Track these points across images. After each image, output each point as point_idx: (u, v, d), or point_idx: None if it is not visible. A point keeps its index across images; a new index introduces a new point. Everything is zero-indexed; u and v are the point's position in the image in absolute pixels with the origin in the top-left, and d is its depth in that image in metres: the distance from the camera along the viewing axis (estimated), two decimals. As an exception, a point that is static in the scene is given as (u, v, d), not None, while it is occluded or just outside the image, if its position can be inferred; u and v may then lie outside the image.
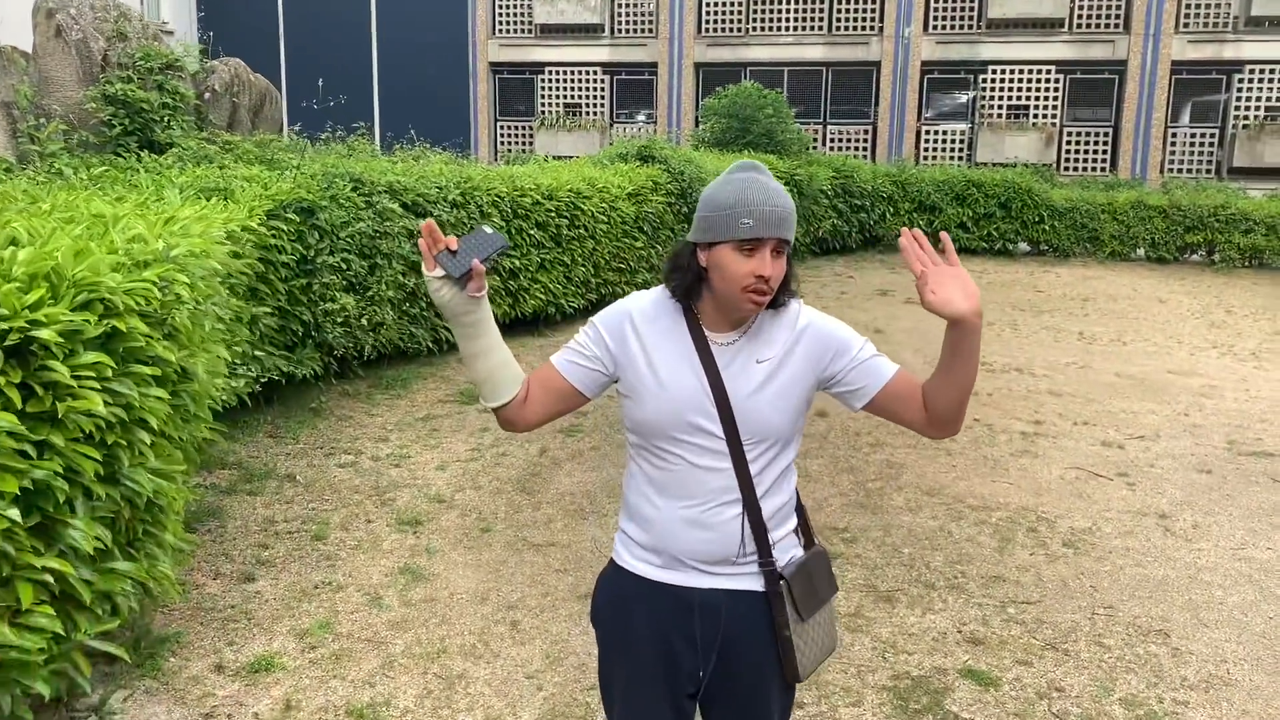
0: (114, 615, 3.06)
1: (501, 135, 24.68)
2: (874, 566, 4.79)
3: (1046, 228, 15.74)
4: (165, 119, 6.68)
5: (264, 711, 3.40)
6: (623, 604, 2.14)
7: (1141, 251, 15.88)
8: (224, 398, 4.40)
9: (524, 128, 24.43)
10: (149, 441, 3.07)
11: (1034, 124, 21.51)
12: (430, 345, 7.69)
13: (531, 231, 8.49)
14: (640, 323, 2.07)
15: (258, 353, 5.35)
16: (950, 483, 5.95)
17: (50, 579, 2.68)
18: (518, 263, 8.36)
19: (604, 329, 2.09)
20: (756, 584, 2.06)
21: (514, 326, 8.81)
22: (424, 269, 1.96)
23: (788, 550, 2.10)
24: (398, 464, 5.83)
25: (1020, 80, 21.66)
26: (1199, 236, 15.34)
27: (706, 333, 2.03)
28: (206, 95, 7.32)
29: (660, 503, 2.06)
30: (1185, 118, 21.38)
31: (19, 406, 2.56)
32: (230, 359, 4.21)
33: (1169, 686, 3.81)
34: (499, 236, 1.95)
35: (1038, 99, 21.60)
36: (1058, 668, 3.92)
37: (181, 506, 3.53)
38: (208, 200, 5.30)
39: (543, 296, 8.66)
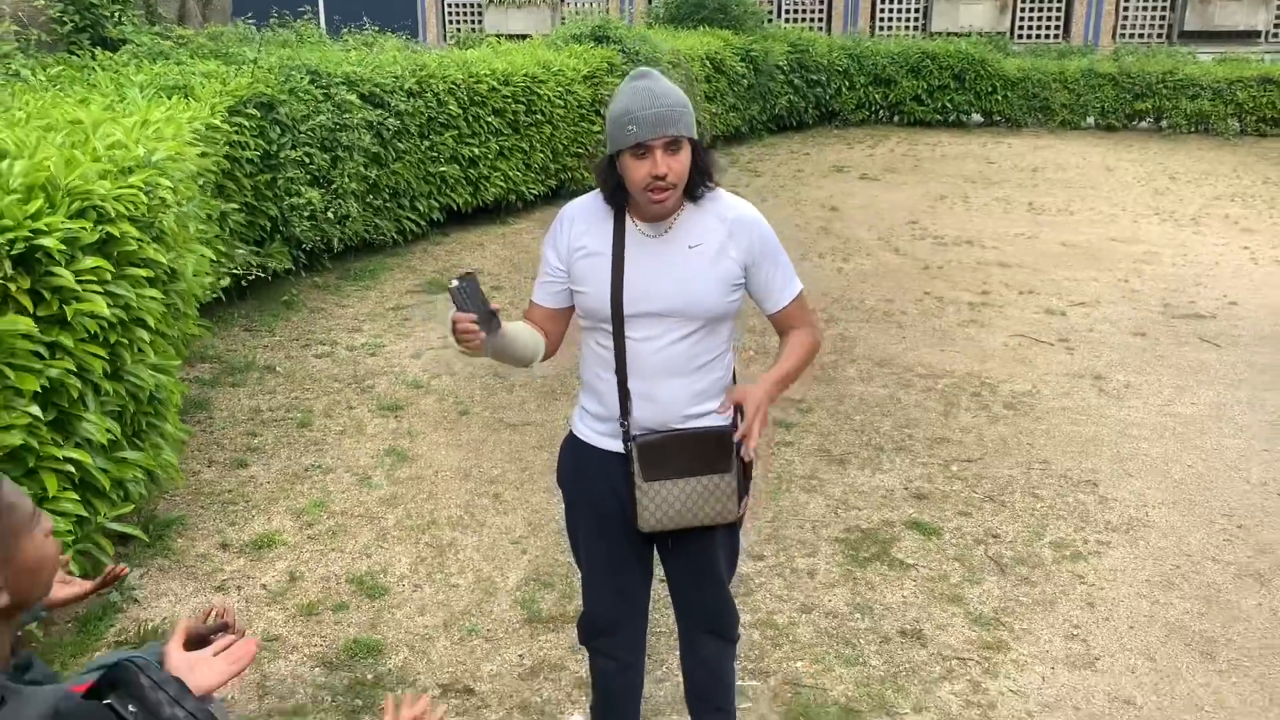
0: (126, 500, 3.31)
1: (450, 14, 24.06)
2: (828, 433, 5.13)
3: (999, 98, 15.86)
4: (115, 14, 6.61)
5: (270, 583, 3.69)
6: (582, 469, 2.45)
7: (1092, 120, 16.07)
8: (206, 295, 4.57)
9: (473, 6, 23.81)
10: (148, 339, 3.27)
11: (988, -9, 21.33)
12: (395, 236, 7.81)
13: (489, 119, 8.52)
14: (578, 225, 2.33)
15: (235, 250, 5.48)
16: (900, 353, 6.28)
17: (71, 469, 2.92)
18: (476, 151, 8.42)
19: (553, 246, 2.37)
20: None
21: (476, 216, 8.93)
22: (460, 348, 2.13)
23: (719, 419, 2.37)
24: (373, 353, 6.04)
25: (975, -54, 21.37)
26: (1148, 104, 15.54)
27: (640, 227, 2.26)
28: (154, -13, 7.22)
29: (607, 378, 2.33)
30: (1138, -19, 21.29)
31: (31, 311, 2.74)
32: (214, 257, 4.37)
33: (1094, 529, 4.22)
34: (470, 281, 2.09)
35: (993, -35, 21.35)
36: (994, 517, 4.31)
37: (179, 399, 3.75)
38: (169, 98, 5.34)
39: (503, 184, 8.74)
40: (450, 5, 24.09)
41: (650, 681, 3.02)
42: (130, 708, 1.39)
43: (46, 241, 2.78)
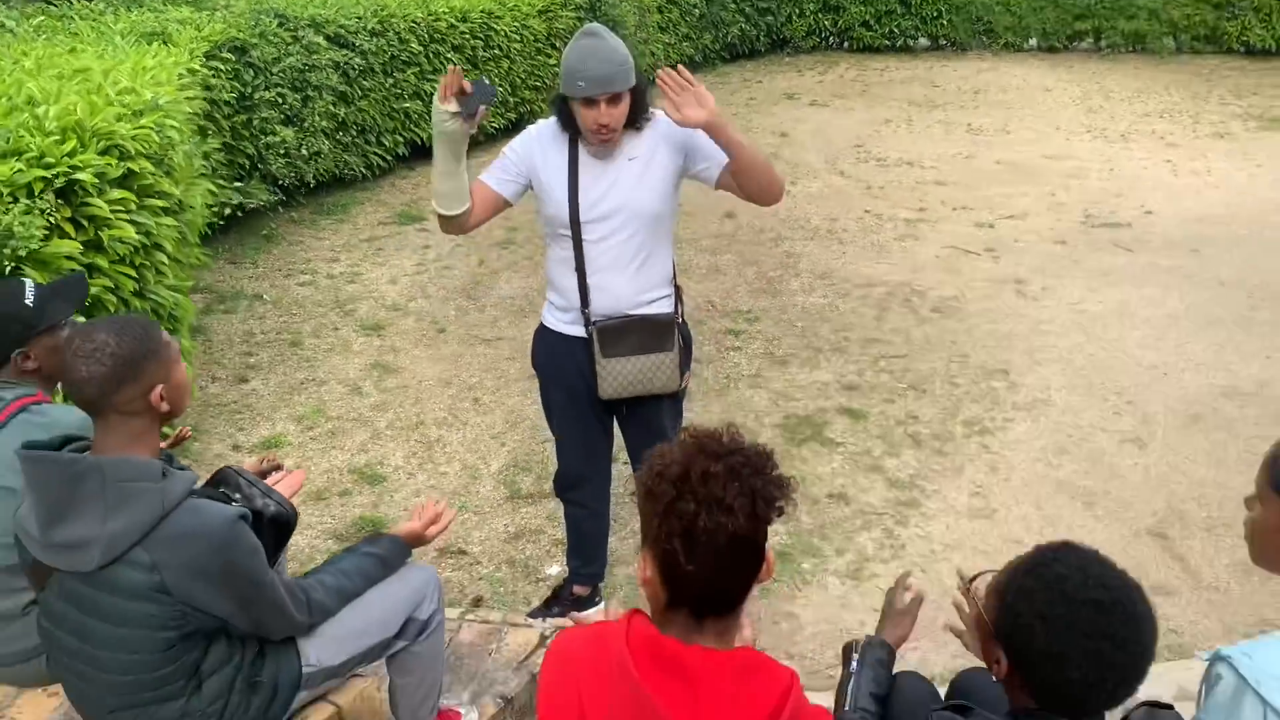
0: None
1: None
2: (772, 338, 5.68)
3: (944, 22, 16.26)
4: (87, -36, 6.87)
5: (281, 477, 4.21)
6: (552, 352, 2.98)
7: (1034, 42, 16.53)
8: (203, 226, 5.00)
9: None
10: (166, 263, 3.73)
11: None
12: (364, 171, 8.20)
13: (449, 55, 8.86)
14: (542, 144, 2.82)
15: (226, 186, 5.89)
16: (840, 267, 6.83)
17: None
18: (437, 86, 8.76)
19: (520, 150, 2.85)
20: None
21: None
22: (438, 101, 2.60)
23: (663, 307, 2.89)
24: (352, 280, 6.50)
25: None
26: (1087, 24, 16.00)
27: (588, 148, 2.75)
28: (120, -65, 7.45)
29: (569, 275, 2.84)
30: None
31: (73, 236, 3.20)
32: (214, 190, 4.80)
33: (1001, 410, 4.82)
34: (494, 89, 2.62)
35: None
36: (916, 402, 4.91)
37: (191, 317, 4.22)
38: (149, 45, 5.70)
39: (465, 118, 9.10)
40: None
41: (615, 539, 3.58)
42: (235, 496, 1.93)
43: (82, 176, 3.22)
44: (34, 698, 2.26)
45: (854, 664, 1.88)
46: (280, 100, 6.87)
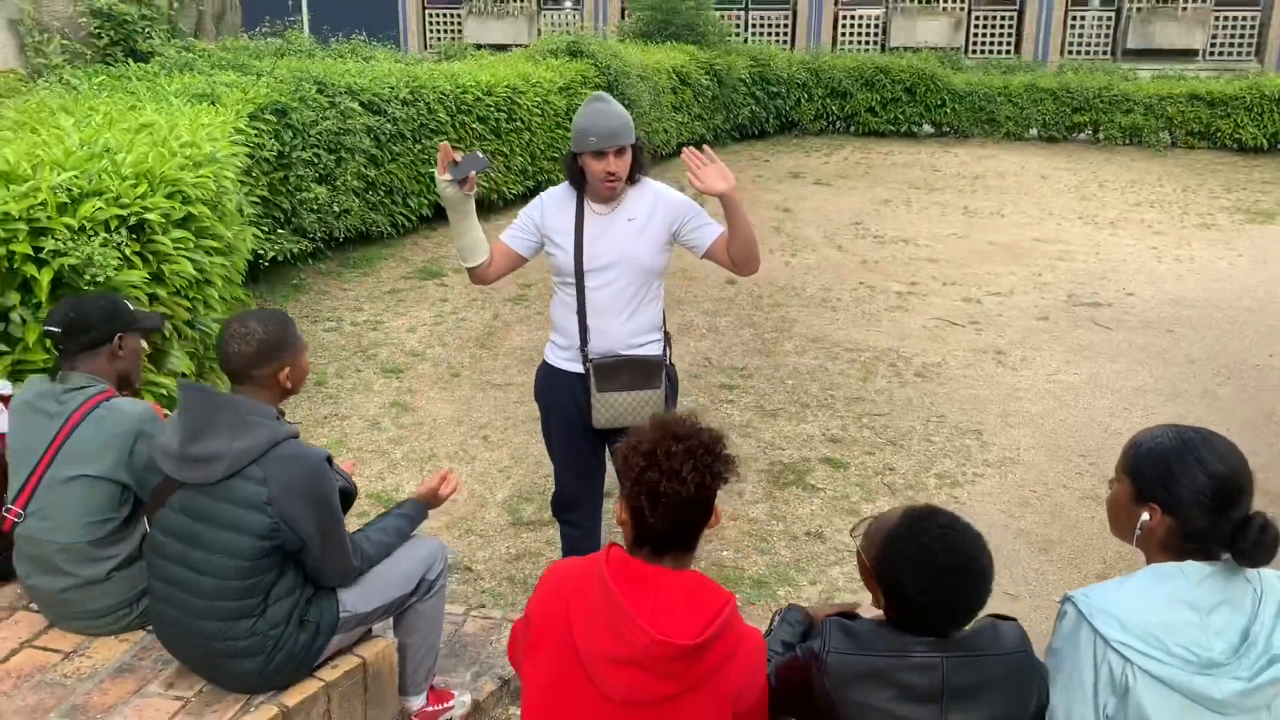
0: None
1: (431, 23, 24.94)
2: (763, 394, 6.08)
3: (948, 110, 16.93)
4: (145, 29, 7.46)
5: (304, 498, 4.59)
6: (553, 386, 3.38)
7: (1035, 131, 17.18)
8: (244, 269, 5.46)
9: (453, 15, 24.70)
10: (215, 297, 4.17)
11: (944, 9, 22.49)
12: (389, 229, 8.70)
13: (474, 125, 9.43)
14: (550, 205, 3.28)
15: (266, 237, 6.37)
16: (832, 332, 7.25)
17: (163, 391, 3.80)
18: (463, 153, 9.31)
19: (532, 212, 3.32)
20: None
21: (460, 211, 9.80)
22: (437, 174, 3.09)
23: (653, 350, 3.29)
24: (374, 328, 6.94)
25: (932, -35, 22.50)
26: (1086, 117, 16.65)
27: (593, 207, 3.20)
28: (175, 5, 8.07)
29: (571, 317, 3.25)
30: (1085, 0, 22.51)
31: (140, 268, 3.64)
32: (258, 238, 5.26)
33: (972, 465, 5.19)
34: (485, 160, 3.10)
35: (948, -16, 22.49)
36: (894, 456, 5.28)
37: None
38: (198, 105, 6.22)
39: (485, 185, 9.64)
40: (432, 15, 24.97)
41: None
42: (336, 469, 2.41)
43: (151, 216, 3.67)
44: (106, 641, 2.62)
45: (775, 621, 2.33)
46: (315, 160, 7.38)
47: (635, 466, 1.86)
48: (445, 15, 24.86)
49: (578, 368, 3.29)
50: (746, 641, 1.91)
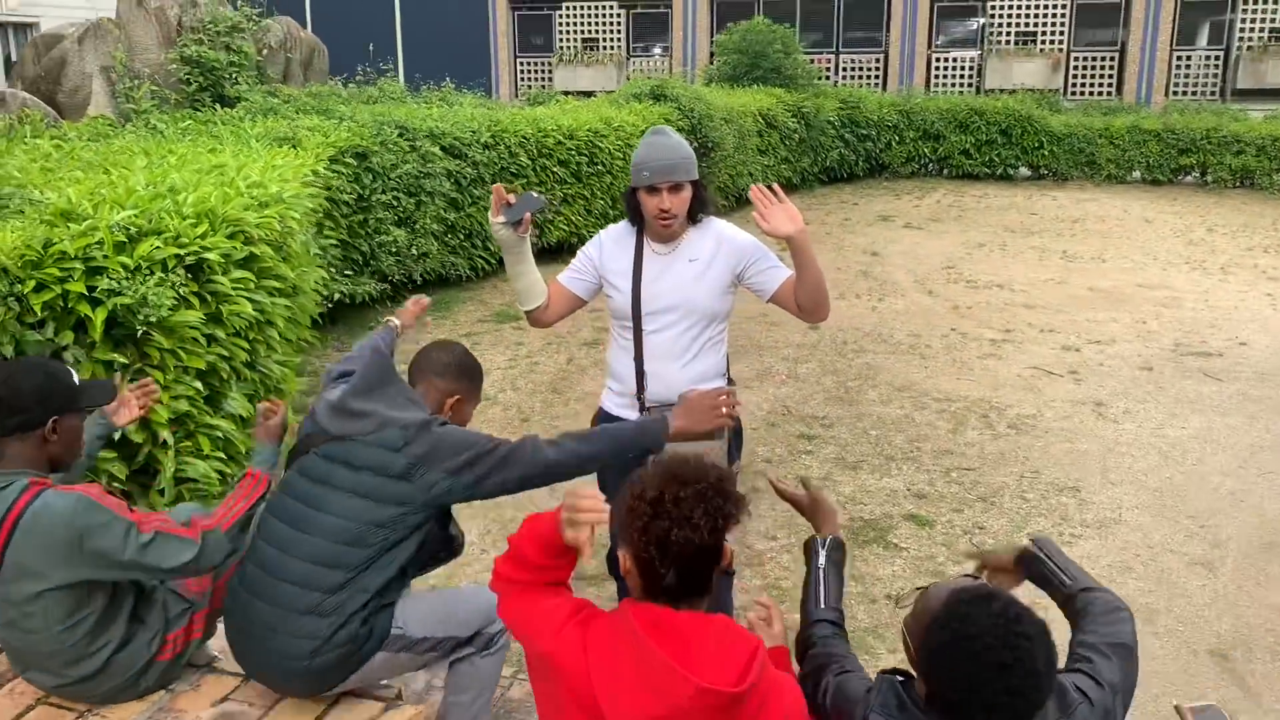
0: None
1: (521, 71, 25.36)
2: (845, 444, 5.80)
3: (1046, 153, 16.44)
4: (233, 75, 7.63)
5: (364, 545, 4.47)
6: None
7: (1138, 174, 16.55)
8: (316, 311, 5.43)
9: (543, 63, 25.08)
10: (277, 339, 4.10)
11: (1041, 49, 21.97)
12: (468, 272, 8.68)
13: (555, 169, 9.41)
14: (609, 244, 3.11)
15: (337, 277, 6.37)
16: (920, 380, 6.93)
17: (220, 434, 3.73)
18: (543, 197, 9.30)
19: (590, 252, 3.16)
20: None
21: (541, 256, 9.74)
22: (490, 216, 2.96)
23: None
24: (447, 371, 6.86)
25: (1028, 6, 22.07)
26: (1193, 159, 15.99)
27: (653, 246, 3.01)
28: (264, 52, 8.24)
29: (627, 362, 3.07)
30: (1191, 40, 21.76)
31: (198, 308, 3.58)
32: (327, 278, 5.23)
33: (1070, 526, 4.82)
34: (541, 199, 2.96)
35: (1045, 25, 22.01)
36: (984, 514, 4.94)
37: (295, 390, 4.57)
38: (280, 148, 6.27)
39: (565, 228, 9.61)
40: (522, 63, 25.40)
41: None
42: None
43: (210, 256, 3.62)
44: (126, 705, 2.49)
45: (821, 560, 2.22)
46: (395, 203, 7.40)
47: (642, 515, 1.75)
48: (536, 63, 25.25)
49: (634, 414, 3.10)
50: (784, 689, 1.81)
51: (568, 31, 24.83)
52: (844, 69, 23.48)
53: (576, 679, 1.75)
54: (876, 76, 23.22)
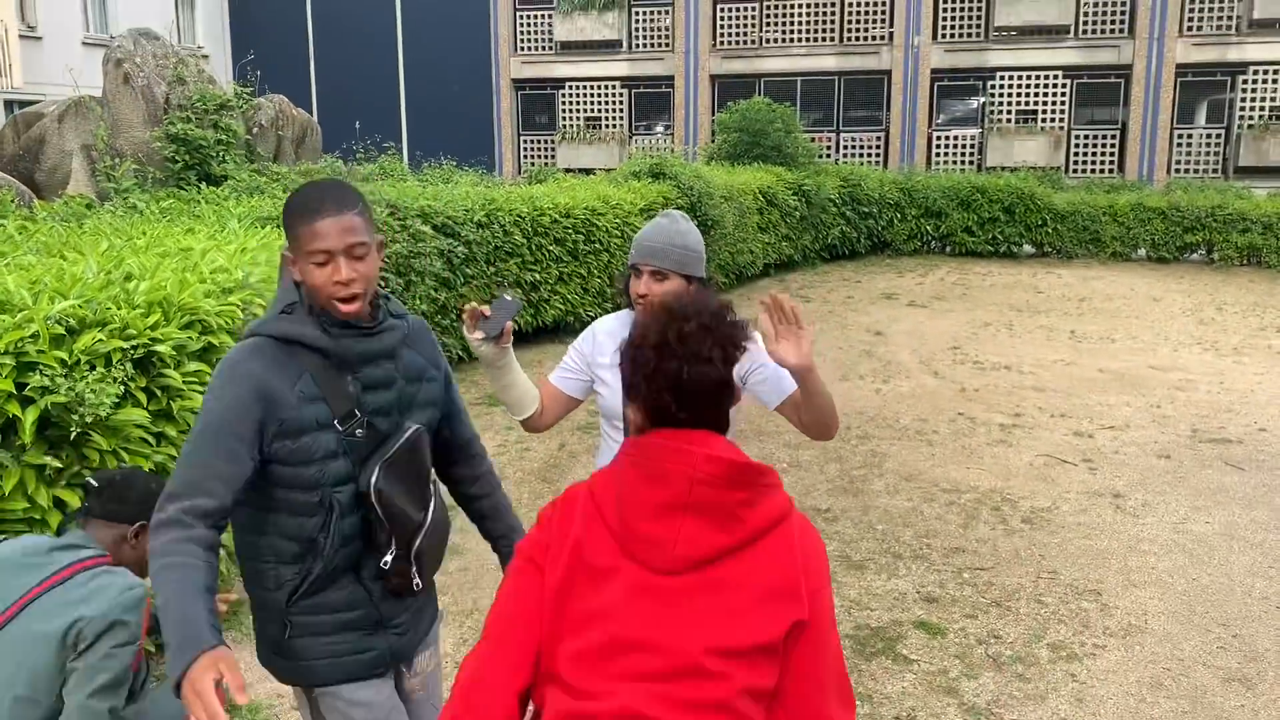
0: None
1: (525, 149, 25.49)
2: (850, 540, 5.46)
3: (1050, 230, 16.31)
4: (220, 154, 7.47)
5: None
6: None
7: (1143, 251, 16.40)
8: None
9: (546, 141, 25.22)
10: (236, 434, 3.81)
11: (1042, 128, 22.04)
12: (460, 353, 8.42)
13: (550, 247, 9.21)
14: (601, 337, 2.84)
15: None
16: (928, 469, 6.61)
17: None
18: (538, 276, 9.09)
19: (580, 348, 2.88)
20: None
21: (536, 335, 9.55)
22: (467, 333, 2.62)
23: None
24: (432, 459, 6.56)
25: (1028, 85, 22.21)
26: (1198, 236, 15.85)
27: None
28: (255, 130, 8.12)
29: (608, 455, 2.77)
30: (1191, 118, 21.83)
31: (145, 405, 3.30)
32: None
33: (1092, 634, 4.47)
34: (516, 302, 2.64)
35: (1046, 103, 22.13)
36: (999, 620, 4.59)
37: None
38: (263, 228, 6.06)
39: (562, 307, 9.38)
40: (526, 141, 25.54)
41: None
42: None
43: (161, 349, 3.35)
44: None
45: None
46: (383, 284, 7.17)
47: (648, 362, 1.64)
48: (539, 141, 25.39)
49: None
50: (797, 516, 1.67)
51: (571, 110, 25.03)
52: (845, 147, 23.59)
53: (564, 538, 1.60)
54: (877, 154, 23.30)
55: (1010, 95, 22.30)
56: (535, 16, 25.05)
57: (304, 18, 26.50)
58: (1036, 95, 22.17)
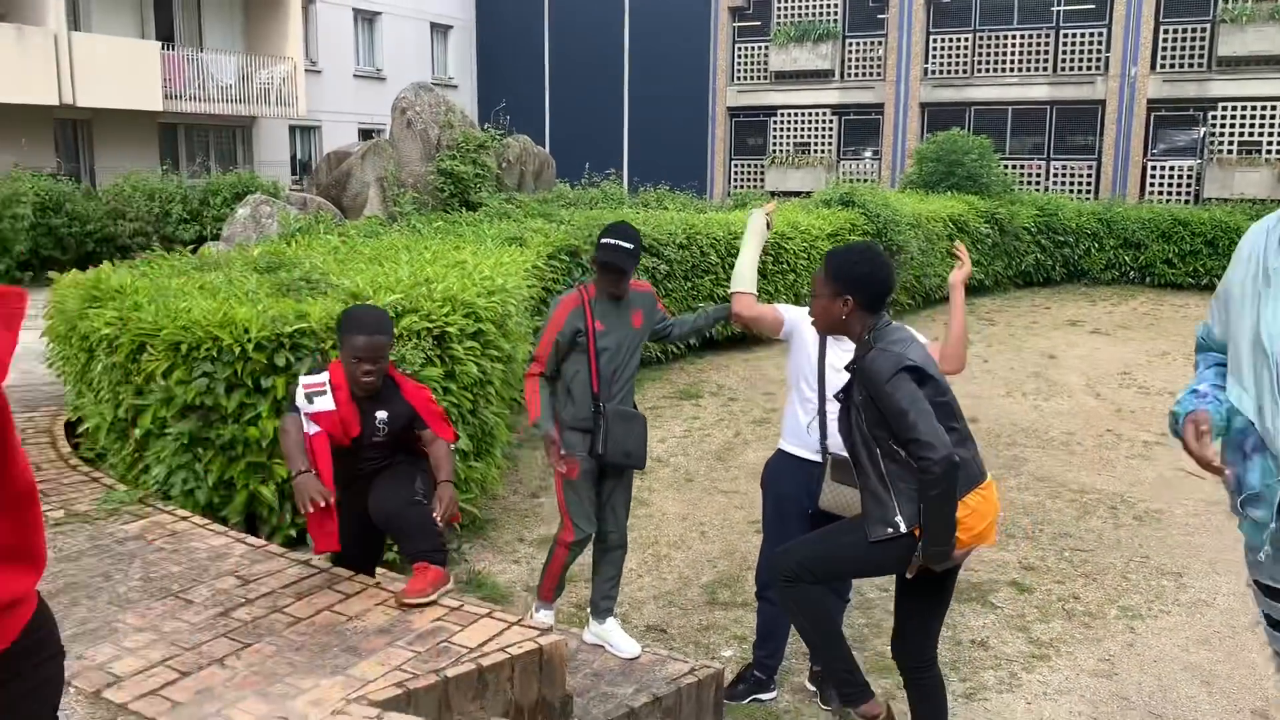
0: (469, 491, 5.35)
1: (735, 173, 26.94)
2: (971, 521, 6.48)
3: (1256, 264, 16.18)
4: (478, 185, 9.23)
5: (547, 565, 5.59)
6: (784, 471, 4.07)
7: (1359, 289, 15.99)
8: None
9: (756, 165, 26.58)
10: (492, 396, 5.35)
11: (1266, 159, 21.46)
12: (659, 355, 9.88)
13: (744, 267, 10.55)
14: (801, 322, 4.00)
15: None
16: (1061, 473, 7.48)
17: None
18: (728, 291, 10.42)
19: (795, 310, 4.09)
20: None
21: (727, 344, 10.89)
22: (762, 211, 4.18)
23: None
24: (632, 437, 8.00)
25: (1253, 116, 21.68)
26: None
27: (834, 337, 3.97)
28: (504, 165, 9.87)
29: (802, 414, 4.01)
30: None
31: (439, 366, 4.86)
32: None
33: (1161, 604, 5.35)
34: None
35: (1271, 134, 21.53)
36: (1083, 587, 5.54)
37: (505, 439, 5.81)
38: (509, 246, 7.69)
39: (752, 319, 10.69)
40: (736, 165, 26.99)
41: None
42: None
43: (450, 329, 4.90)
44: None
45: None
46: (599, 293, 8.70)
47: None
48: (748, 165, 26.76)
49: (815, 457, 3.94)
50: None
51: (781, 135, 26.26)
52: (1055, 175, 23.68)
53: None
54: (1089, 183, 23.28)
55: (1233, 126, 21.83)
56: (752, 48, 26.48)
57: (541, 51, 29.00)
58: (1261, 126, 21.61)
